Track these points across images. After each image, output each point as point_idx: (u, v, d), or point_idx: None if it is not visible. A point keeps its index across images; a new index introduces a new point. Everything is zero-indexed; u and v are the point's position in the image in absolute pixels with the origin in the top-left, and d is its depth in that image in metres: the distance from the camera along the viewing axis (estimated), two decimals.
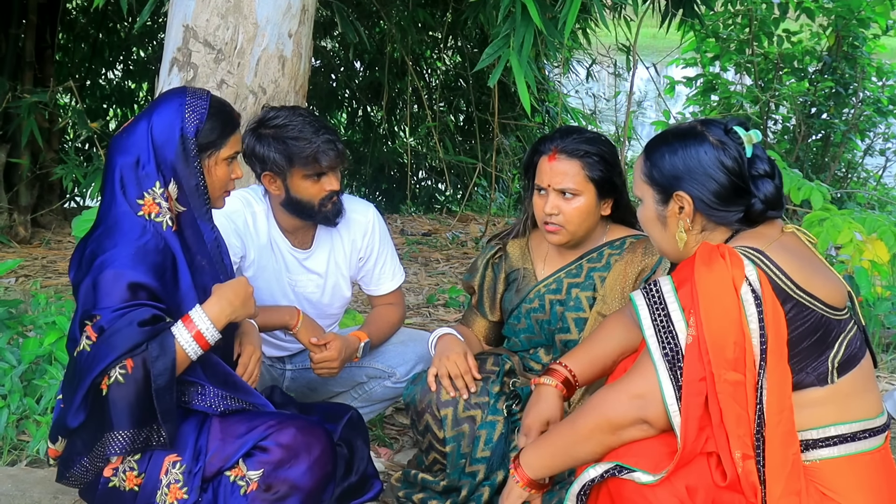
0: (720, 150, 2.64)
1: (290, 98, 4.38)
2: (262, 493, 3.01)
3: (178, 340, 2.92)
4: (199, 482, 3.00)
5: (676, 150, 2.68)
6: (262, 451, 3.02)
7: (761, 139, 2.69)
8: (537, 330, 3.61)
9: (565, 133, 3.53)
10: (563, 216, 3.47)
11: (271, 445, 3.02)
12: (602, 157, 3.47)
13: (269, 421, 3.07)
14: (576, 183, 3.45)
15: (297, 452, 3.03)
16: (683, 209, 2.67)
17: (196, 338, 2.95)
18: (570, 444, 2.66)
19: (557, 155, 3.46)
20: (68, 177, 7.65)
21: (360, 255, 3.94)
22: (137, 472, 3.01)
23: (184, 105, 3.06)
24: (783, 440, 2.52)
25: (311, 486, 3.05)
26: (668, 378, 2.52)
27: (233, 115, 3.17)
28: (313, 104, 10.17)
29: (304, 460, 3.04)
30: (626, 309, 3.05)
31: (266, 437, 3.02)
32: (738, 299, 2.49)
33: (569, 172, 3.45)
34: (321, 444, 3.08)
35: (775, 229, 2.67)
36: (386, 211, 9.75)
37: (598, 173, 3.45)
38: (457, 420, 3.48)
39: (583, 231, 3.52)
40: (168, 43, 4.39)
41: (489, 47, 4.68)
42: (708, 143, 2.65)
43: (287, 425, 3.05)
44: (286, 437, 3.03)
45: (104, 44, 10.17)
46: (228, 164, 3.14)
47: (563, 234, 3.49)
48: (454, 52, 10.91)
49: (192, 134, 3.03)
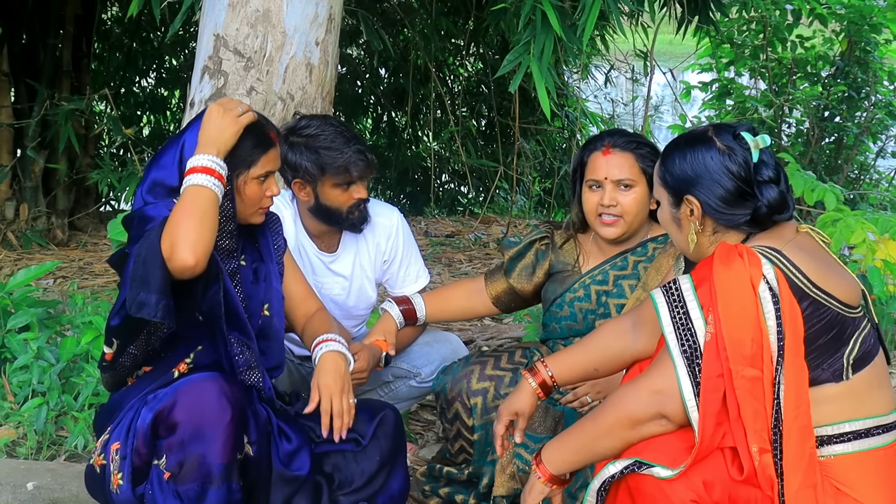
0: (726, 156, 2.63)
1: (317, 104, 4.39)
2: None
3: (197, 184, 2.86)
4: (131, 467, 2.85)
5: (686, 154, 2.68)
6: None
7: (771, 144, 2.68)
8: (580, 318, 3.59)
9: (612, 132, 3.58)
10: (621, 207, 3.46)
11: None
12: (653, 149, 3.50)
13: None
14: (632, 174, 3.46)
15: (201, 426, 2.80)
16: (693, 212, 2.67)
17: (204, 171, 2.88)
18: (592, 440, 2.66)
19: (611, 149, 3.47)
20: (103, 181, 7.71)
21: (385, 258, 3.93)
22: (99, 451, 2.97)
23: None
24: (800, 434, 2.51)
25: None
26: (686, 374, 2.51)
27: (266, 133, 3.07)
28: (339, 110, 10.19)
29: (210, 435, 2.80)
30: (627, 315, 3.02)
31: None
32: (755, 297, 2.48)
33: (624, 164, 3.46)
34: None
35: (790, 230, 2.66)
36: (410, 213, 9.76)
37: (649, 165, 3.44)
38: (486, 409, 3.50)
39: (637, 223, 3.52)
40: (199, 51, 4.40)
41: (510, 54, 4.68)
42: (715, 149, 2.64)
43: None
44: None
45: (138, 53, 10.24)
46: (261, 183, 3.06)
47: (621, 225, 3.48)
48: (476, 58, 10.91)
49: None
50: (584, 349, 3.00)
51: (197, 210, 2.82)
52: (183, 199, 2.85)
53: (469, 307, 3.91)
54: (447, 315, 3.97)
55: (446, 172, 11.16)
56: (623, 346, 2.90)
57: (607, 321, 3.10)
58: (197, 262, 2.78)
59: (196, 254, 2.78)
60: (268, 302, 3.18)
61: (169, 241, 2.78)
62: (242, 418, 2.87)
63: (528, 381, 2.99)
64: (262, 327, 3.16)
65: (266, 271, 3.21)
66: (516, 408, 3.00)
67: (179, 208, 2.83)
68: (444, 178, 11.23)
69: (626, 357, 2.91)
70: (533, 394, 2.99)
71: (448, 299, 3.91)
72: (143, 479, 2.86)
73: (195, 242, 2.78)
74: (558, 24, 4.42)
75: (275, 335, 3.19)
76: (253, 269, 3.19)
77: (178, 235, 2.78)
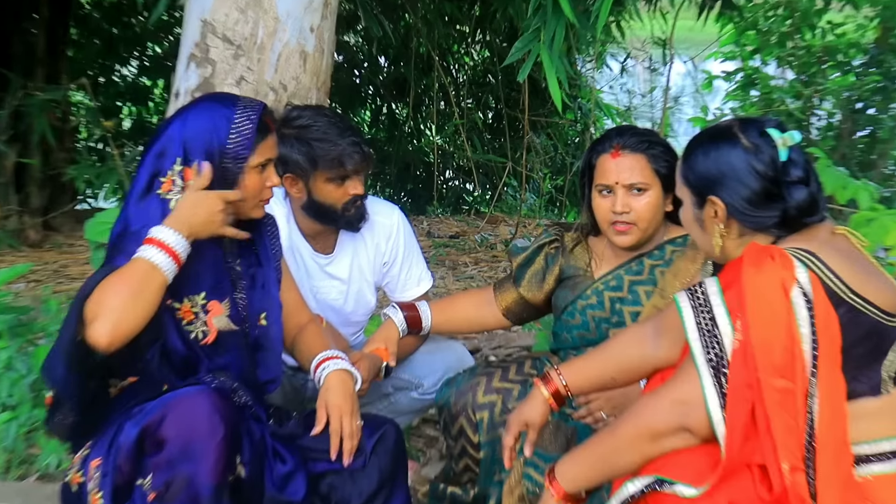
0: (752, 154, 2.63)
1: (312, 95, 4.38)
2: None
3: (147, 258, 2.79)
4: (112, 486, 2.81)
5: (709, 152, 2.68)
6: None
7: (801, 139, 2.67)
8: (592, 327, 3.58)
9: (621, 131, 3.52)
10: (635, 213, 3.44)
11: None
12: (666, 148, 3.47)
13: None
14: (644, 177, 3.43)
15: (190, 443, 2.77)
16: (717, 214, 2.66)
17: (160, 246, 2.80)
18: (609, 454, 2.65)
19: (621, 151, 3.44)
20: (81, 178, 7.70)
21: (385, 260, 3.93)
22: (77, 468, 2.94)
23: (231, 121, 2.99)
24: (836, 452, 2.49)
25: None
26: (712, 384, 2.50)
27: (265, 119, 3.06)
28: (336, 101, 10.20)
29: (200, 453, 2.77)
30: (648, 321, 3.02)
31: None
32: (788, 302, 2.47)
33: (636, 167, 3.43)
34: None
35: (825, 231, 2.66)
36: (411, 212, 9.76)
37: (663, 166, 3.43)
38: (493, 424, 3.49)
39: (653, 229, 3.50)
40: (185, 38, 4.39)
41: (519, 41, 4.67)
42: (740, 147, 2.64)
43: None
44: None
45: (118, 39, 10.23)
46: (261, 172, 3.05)
47: (634, 232, 3.47)
48: (482, 46, 10.93)
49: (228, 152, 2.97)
50: (601, 357, 3.00)
51: (138, 289, 2.76)
52: (128, 270, 2.78)
53: (478, 318, 3.89)
54: (453, 326, 3.95)
55: (450, 168, 11.17)
56: (643, 353, 2.90)
57: (626, 328, 3.09)
58: (110, 343, 2.71)
59: (113, 335, 2.70)
60: (265, 311, 3.17)
61: (92, 308, 2.73)
62: (235, 436, 2.85)
63: (540, 390, 2.99)
64: (258, 338, 3.15)
65: (264, 277, 3.21)
66: (527, 418, 3.00)
67: (118, 278, 2.76)
68: (448, 175, 11.24)
69: (647, 365, 2.90)
70: (545, 403, 2.99)
71: (455, 309, 3.90)
72: (124, 500, 2.83)
73: (117, 322, 2.71)
74: (570, 10, 4.40)
75: (272, 346, 3.18)
76: (250, 274, 3.19)
77: (103, 308, 2.71)
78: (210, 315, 3.04)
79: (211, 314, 3.04)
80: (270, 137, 3.08)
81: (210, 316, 3.04)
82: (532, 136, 9.66)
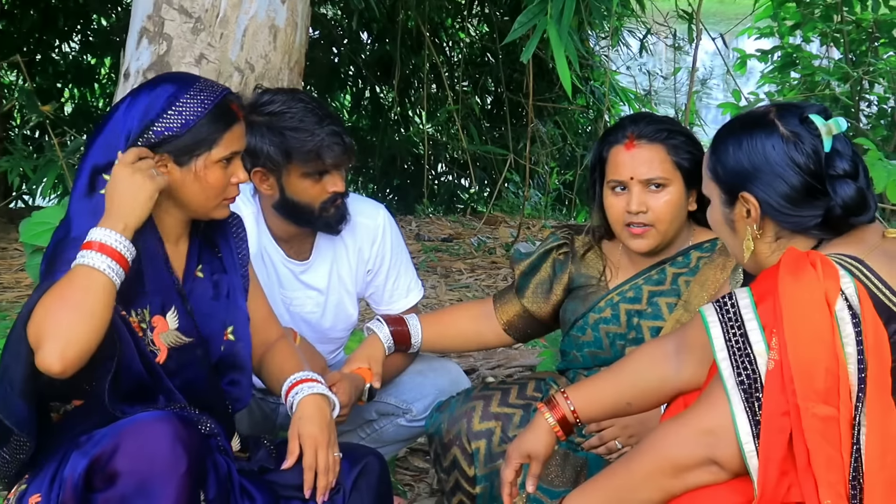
0: (791, 145, 2.63)
1: (284, 76, 4.39)
2: None
3: (86, 264, 2.75)
4: None
5: (742, 142, 2.68)
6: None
7: (848, 128, 2.68)
8: (606, 344, 3.58)
9: (635, 119, 3.54)
10: (652, 213, 3.44)
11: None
12: (688, 138, 3.49)
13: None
14: (663, 171, 3.44)
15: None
16: (750, 213, 2.67)
17: (99, 249, 2.76)
18: (624, 491, 2.66)
19: (636, 141, 3.45)
20: (14, 171, 7.68)
21: (369, 268, 3.94)
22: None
23: (173, 100, 2.97)
24: (887, 489, 2.49)
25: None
26: (743, 411, 2.51)
27: (227, 105, 3.04)
28: (311, 84, 10.21)
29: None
30: (669, 337, 3.02)
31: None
32: (831, 317, 2.48)
33: (654, 159, 3.44)
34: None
35: (874, 234, 2.66)
36: (399, 212, 9.78)
37: (685, 158, 3.44)
38: (491, 455, 3.49)
39: (673, 231, 3.51)
40: (136, 10, 4.39)
41: (522, 15, 4.70)
42: (777, 135, 2.64)
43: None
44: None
45: (57, 10, 10.22)
46: (225, 167, 3.04)
47: (653, 235, 3.48)
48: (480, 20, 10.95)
49: (157, 136, 2.95)
50: (615, 379, 3.01)
51: (82, 300, 2.73)
52: (67, 282, 2.76)
53: (475, 334, 3.90)
54: (447, 343, 3.96)
55: (443, 161, 11.20)
56: (663, 374, 2.90)
57: (644, 345, 3.10)
58: (65, 369, 2.69)
59: (65, 358, 2.68)
60: (232, 324, 3.18)
61: (35, 332, 2.71)
62: (200, 470, 2.84)
63: (544, 417, 3.00)
64: (225, 356, 3.15)
65: (229, 285, 3.20)
66: (529, 449, 3.01)
67: (58, 292, 2.74)
68: (441, 169, 11.26)
69: (667, 389, 2.91)
70: (550, 432, 3.00)
71: (448, 323, 3.90)
72: None
73: (68, 343, 2.68)
74: None
75: (241, 364, 3.19)
76: (213, 281, 3.18)
77: (48, 328, 2.69)
78: (157, 332, 3.01)
79: (157, 330, 3.01)
80: (237, 127, 3.07)
81: (156, 333, 3.01)
82: (537, 125, 9.69)
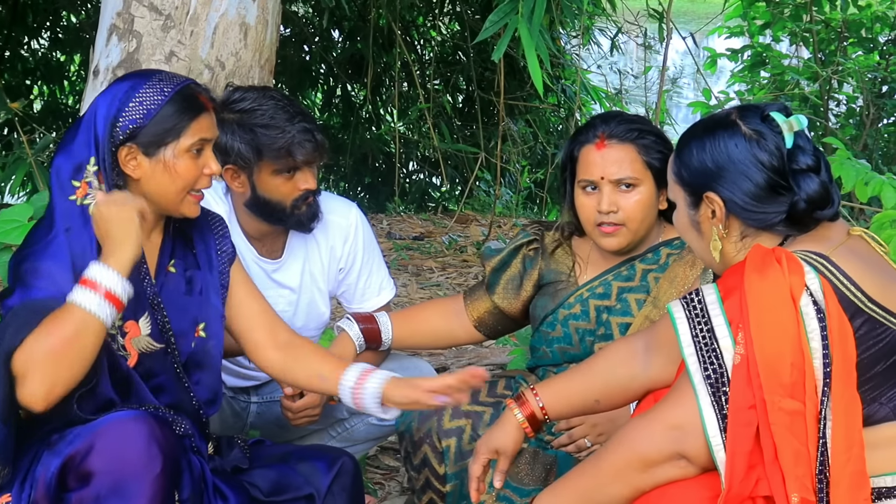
0: (754, 143, 2.65)
1: (255, 74, 4.39)
2: None
3: (83, 307, 2.73)
4: None
5: (705, 144, 2.70)
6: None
7: (815, 125, 2.69)
8: (576, 340, 3.59)
9: (606, 118, 3.55)
10: (623, 213, 3.46)
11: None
12: (659, 137, 3.50)
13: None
14: (633, 171, 3.45)
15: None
16: (716, 213, 2.69)
17: (97, 290, 2.75)
18: (594, 487, 2.66)
19: (607, 141, 3.46)
20: None
21: (341, 266, 3.94)
22: None
23: (133, 91, 2.97)
24: (852, 482, 2.50)
25: None
26: (710, 405, 2.52)
27: (192, 94, 3.03)
28: (282, 81, 10.20)
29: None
30: (638, 335, 3.03)
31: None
32: (796, 312, 2.49)
33: (624, 159, 3.45)
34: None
35: (839, 231, 2.68)
36: (370, 210, 9.78)
37: (656, 157, 3.46)
38: (461, 453, 3.49)
39: (644, 230, 3.52)
40: (106, 6, 4.37)
41: (493, 13, 4.69)
42: (740, 135, 2.66)
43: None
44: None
45: (27, 7, 10.17)
46: (196, 157, 3.03)
47: (624, 234, 3.49)
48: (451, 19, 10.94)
49: (123, 131, 2.94)
50: (584, 376, 3.01)
51: (78, 346, 2.72)
52: (61, 321, 2.73)
53: (446, 332, 3.90)
54: (418, 340, 3.95)
55: (414, 160, 11.19)
56: (632, 372, 2.91)
57: (614, 342, 3.11)
58: (47, 407, 2.70)
59: (50, 398, 2.69)
60: (204, 321, 3.16)
61: (24, 362, 2.69)
62: (175, 470, 2.83)
63: (513, 413, 3.00)
64: (195, 353, 3.13)
65: (203, 282, 3.18)
66: (497, 444, 3.01)
67: (51, 331, 2.72)
68: (412, 167, 11.26)
69: (636, 386, 2.92)
70: (519, 428, 3.00)
71: (419, 321, 3.90)
72: None
73: (54, 385, 2.70)
74: None
75: (210, 363, 3.17)
76: (186, 277, 3.17)
77: (38, 366, 2.69)
78: (128, 337, 3.00)
79: (129, 335, 3.00)
80: (205, 116, 3.05)
81: (128, 338, 3.00)
82: (508, 123, 9.69)
